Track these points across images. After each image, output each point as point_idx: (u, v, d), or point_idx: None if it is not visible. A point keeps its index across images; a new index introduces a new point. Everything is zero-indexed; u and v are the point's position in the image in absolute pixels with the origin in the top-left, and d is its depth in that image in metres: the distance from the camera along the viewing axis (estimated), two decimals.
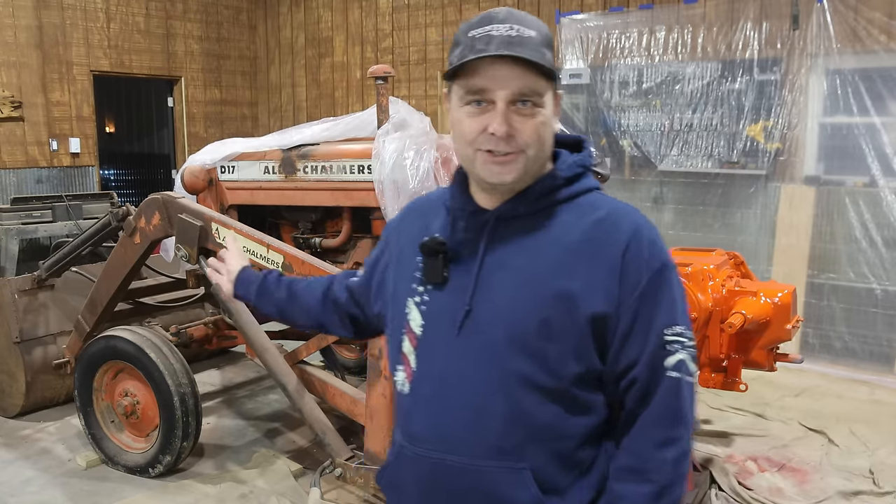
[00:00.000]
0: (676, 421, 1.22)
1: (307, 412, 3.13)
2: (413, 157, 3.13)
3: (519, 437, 1.23)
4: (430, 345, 1.30)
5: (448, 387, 1.27)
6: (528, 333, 1.21)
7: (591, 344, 1.22)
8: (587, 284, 1.21)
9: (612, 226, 1.24)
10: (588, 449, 1.26)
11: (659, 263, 1.23)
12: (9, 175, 7.23)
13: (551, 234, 1.26)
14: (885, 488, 3.40)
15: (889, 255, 4.96)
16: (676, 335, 1.22)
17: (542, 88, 1.22)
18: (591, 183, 1.32)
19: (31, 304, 4.22)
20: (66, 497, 3.38)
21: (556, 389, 1.22)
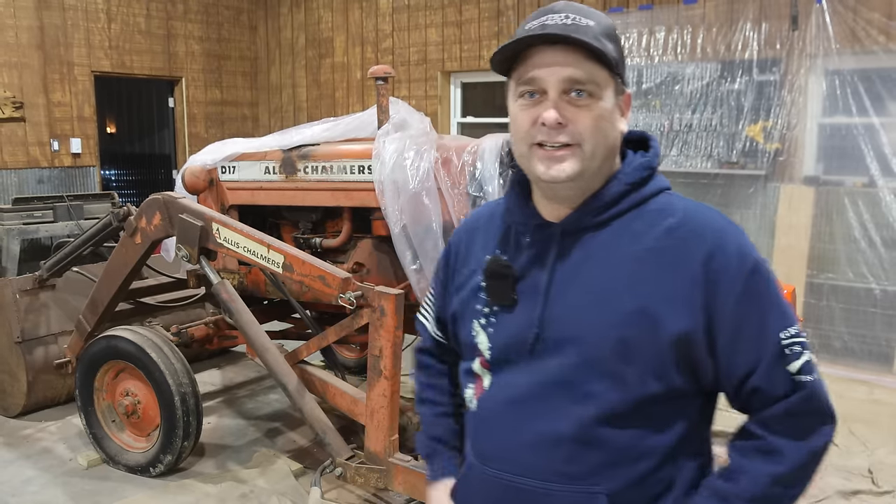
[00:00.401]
0: (818, 416, 1.17)
1: (308, 412, 3.14)
2: (413, 158, 3.14)
3: (592, 462, 1.16)
4: (502, 366, 1.24)
5: (518, 409, 1.21)
6: (604, 354, 1.14)
7: (674, 363, 1.13)
8: (668, 300, 1.12)
9: (690, 232, 1.14)
10: (668, 468, 1.18)
11: (752, 264, 1.13)
12: (10, 175, 7.25)
13: (622, 245, 1.17)
14: (884, 488, 3.41)
15: (888, 255, 4.97)
16: (793, 337, 1.13)
17: (600, 79, 1.13)
18: (660, 184, 1.22)
19: (33, 304, 4.23)
20: (68, 496, 3.39)
21: (633, 412, 1.14)
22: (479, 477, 1.27)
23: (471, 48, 7.30)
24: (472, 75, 7.53)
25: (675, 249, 1.14)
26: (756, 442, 1.15)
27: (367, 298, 2.90)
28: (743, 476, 1.14)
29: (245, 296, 3.55)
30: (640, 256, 1.15)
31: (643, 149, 1.25)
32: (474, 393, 1.30)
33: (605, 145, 1.16)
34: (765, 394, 1.14)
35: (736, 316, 1.12)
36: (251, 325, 3.30)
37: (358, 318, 2.99)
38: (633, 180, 1.19)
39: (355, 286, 2.92)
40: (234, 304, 3.31)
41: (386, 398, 2.90)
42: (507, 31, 6.99)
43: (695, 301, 1.11)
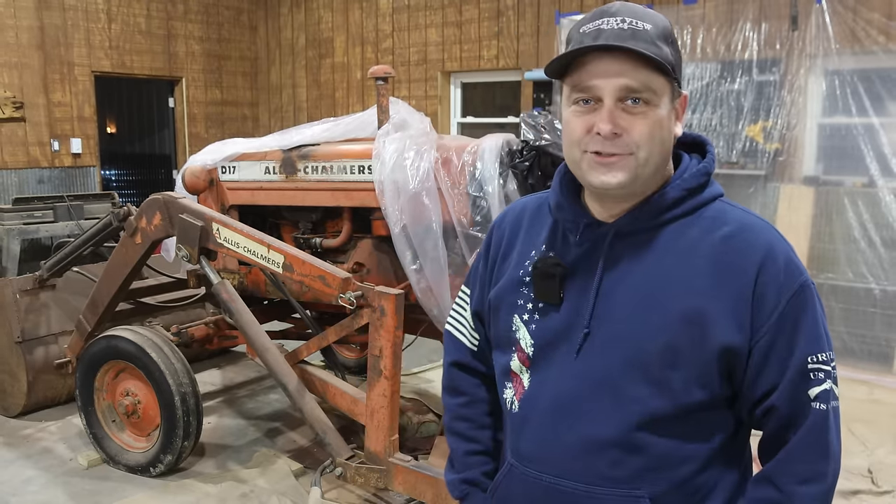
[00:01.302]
0: (823, 455, 1.13)
1: (308, 412, 3.14)
2: (413, 158, 3.14)
3: (635, 466, 1.16)
4: (544, 366, 1.22)
5: (561, 410, 1.20)
6: (650, 359, 1.13)
7: (718, 373, 1.13)
8: (718, 310, 1.11)
9: (744, 244, 1.14)
10: (710, 472, 1.18)
11: (798, 285, 1.12)
12: (10, 175, 7.25)
13: (676, 250, 1.16)
14: (884, 487, 3.41)
15: (888, 255, 4.97)
16: (821, 364, 1.12)
17: (656, 85, 1.11)
18: (715, 191, 1.21)
19: (33, 304, 4.24)
20: (68, 496, 3.39)
21: (674, 416, 1.13)
22: (519, 478, 1.26)
23: (471, 48, 7.30)
24: (472, 75, 7.53)
25: (728, 260, 1.13)
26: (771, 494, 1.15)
27: (367, 298, 2.91)
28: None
29: (245, 296, 3.55)
30: (694, 263, 1.14)
31: (699, 152, 1.24)
32: (515, 394, 1.27)
33: (660, 152, 1.15)
34: (780, 414, 1.13)
35: (773, 333, 1.11)
36: (251, 325, 3.30)
37: (358, 318, 2.99)
38: (691, 186, 1.18)
39: (355, 286, 2.92)
40: (234, 304, 3.31)
41: (386, 398, 2.90)
42: (507, 31, 7.00)
43: (744, 315, 1.11)
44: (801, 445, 1.13)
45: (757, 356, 1.12)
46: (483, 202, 3.03)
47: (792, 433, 1.13)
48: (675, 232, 1.17)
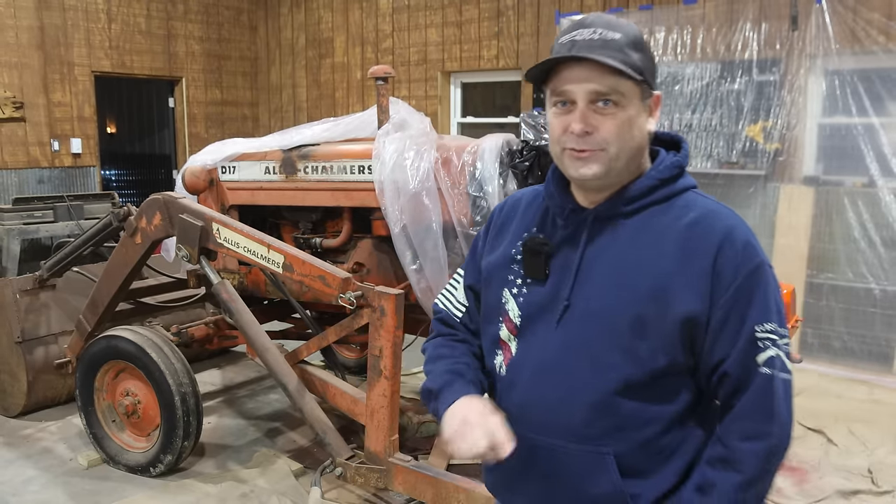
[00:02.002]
0: (767, 416, 1.24)
1: (308, 412, 3.14)
2: (413, 158, 3.14)
3: (604, 425, 1.28)
4: (530, 334, 1.36)
5: (543, 374, 1.33)
6: (621, 329, 1.26)
7: (679, 340, 1.25)
8: (681, 286, 1.24)
9: (706, 228, 1.27)
10: (672, 434, 1.30)
11: (753, 264, 1.25)
12: (10, 175, 7.25)
13: (647, 234, 1.30)
14: (884, 487, 3.41)
15: (888, 255, 4.97)
16: (768, 332, 1.25)
17: (624, 88, 1.25)
18: (687, 183, 1.35)
19: (33, 304, 4.24)
20: (68, 496, 3.39)
21: (643, 382, 1.27)
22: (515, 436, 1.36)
23: (471, 48, 7.30)
24: (472, 75, 7.53)
25: (692, 242, 1.26)
26: (720, 451, 1.26)
27: (367, 298, 2.91)
28: (713, 490, 1.26)
29: (245, 296, 3.56)
30: (662, 245, 1.27)
31: (675, 149, 1.38)
32: (503, 360, 1.41)
33: (629, 147, 1.28)
34: (732, 380, 1.25)
35: (728, 305, 1.24)
36: (251, 325, 3.30)
37: (358, 318, 2.99)
38: (664, 177, 1.32)
39: (355, 286, 2.92)
40: (234, 304, 3.31)
41: (386, 398, 2.90)
42: (507, 31, 7.00)
43: (703, 289, 1.24)
44: (748, 406, 1.24)
45: (714, 326, 1.24)
46: (483, 202, 3.03)
47: (740, 395, 1.25)
48: (648, 218, 1.31)
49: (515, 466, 1.36)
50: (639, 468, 1.30)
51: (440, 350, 1.53)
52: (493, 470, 1.45)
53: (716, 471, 1.26)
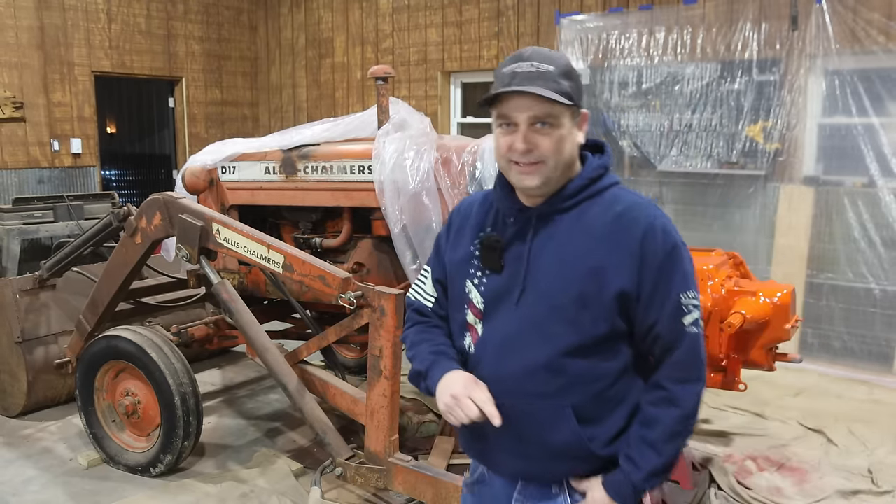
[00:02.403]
0: (696, 365, 1.56)
1: (308, 412, 3.14)
2: (413, 158, 3.14)
3: (559, 383, 1.55)
4: (493, 317, 1.61)
5: (506, 347, 1.59)
6: (567, 304, 1.53)
7: (616, 310, 1.52)
8: (613, 266, 1.51)
9: (632, 220, 1.53)
10: (618, 386, 1.57)
11: (671, 246, 1.52)
12: (10, 175, 7.25)
13: (582, 225, 1.56)
14: (884, 487, 3.41)
15: (887, 255, 4.97)
16: (690, 299, 1.54)
17: (557, 112, 1.50)
18: (611, 180, 1.61)
19: (33, 304, 4.24)
20: (68, 496, 3.39)
21: (588, 346, 1.53)
22: None
23: (471, 48, 7.30)
24: (472, 75, 7.53)
25: (620, 231, 1.53)
26: (661, 393, 1.56)
27: (367, 298, 2.91)
28: (657, 423, 1.55)
29: (245, 296, 3.55)
30: (595, 233, 1.54)
31: (600, 152, 1.64)
32: (472, 340, 1.66)
33: (564, 160, 1.55)
34: (663, 340, 1.54)
35: (654, 280, 1.52)
36: (251, 325, 3.30)
37: (358, 318, 2.99)
38: (592, 176, 1.59)
39: (355, 286, 2.92)
40: (234, 304, 3.31)
41: (386, 398, 2.90)
42: (507, 32, 7.00)
43: (631, 267, 1.51)
44: (681, 358, 1.54)
45: (644, 297, 1.52)
46: None
47: (673, 352, 1.54)
48: (582, 211, 1.57)
49: (490, 428, 1.54)
50: (593, 416, 1.56)
51: (420, 336, 1.76)
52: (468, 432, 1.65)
53: (659, 409, 1.55)
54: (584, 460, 1.58)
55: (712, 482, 3.46)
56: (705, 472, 3.48)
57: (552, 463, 1.59)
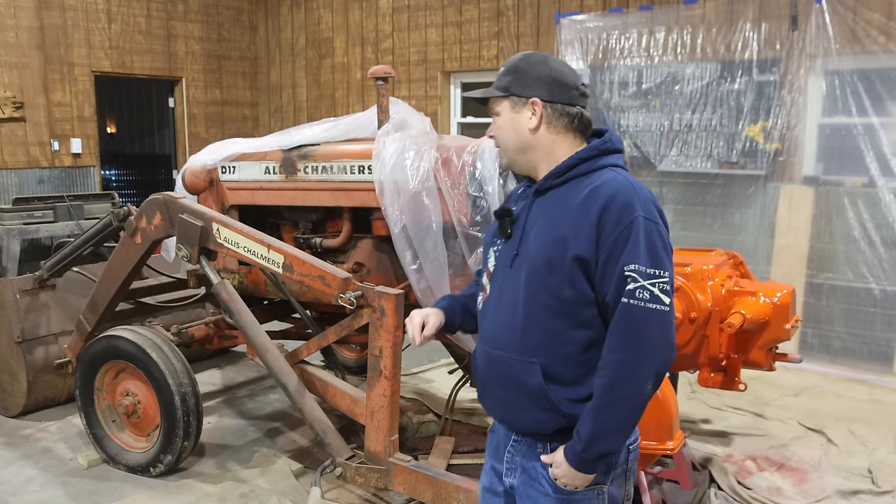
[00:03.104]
0: (630, 335, 1.63)
1: (308, 412, 3.14)
2: (413, 158, 3.14)
3: (532, 340, 1.74)
4: (495, 277, 1.86)
5: (499, 305, 1.83)
6: (539, 268, 1.72)
7: (580, 276, 1.69)
8: (575, 235, 1.68)
9: (599, 193, 1.68)
10: (587, 354, 1.71)
11: (629, 219, 1.64)
12: (10, 175, 7.25)
13: (563, 199, 1.75)
14: (884, 487, 3.41)
15: (888, 255, 4.97)
16: (632, 271, 1.62)
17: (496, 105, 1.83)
18: (606, 161, 1.77)
19: (33, 304, 4.23)
20: (68, 496, 3.39)
21: (557, 308, 1.71)
22: (479, 351, 1.90)
23: (471, 48, 7.30)
24: (472, 75, 7.53)
25: (587, 204, 1.69)
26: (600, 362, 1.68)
27: (367, 298, 2.90)
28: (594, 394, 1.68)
29: (245, 296, 3.55)
30: (569, 207, 1.72)
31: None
32: (482, 299, 1.92)
33: (512, 140, 1.83)
34: (610, 308, 1.66)
35: (609, 251, 1.65)
36: (251, 325, 3.30)
37: (358, 318, 2.99)
38: (582, 156, 1.77)
39: (355, 286, 2.92)
40: (234, 304, 3.31)
41: (386, 398, 2.90)
42: (507, 31, 7.00)
43: (591, 237, 1.66)
44: (615, 326, 1.65)
45: (600, 266, 1.66)
46: (483, 202, 3.03)
47: (612, 321, 1.66)
48: (569, 188, 1.76)
49: (483, 374, 1.87)
50: (560, 376, 1.73)
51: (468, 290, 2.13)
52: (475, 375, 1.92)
53: (595, 378, 1.68)
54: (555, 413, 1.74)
55: (712, 482, 3.46)
56: (705, 472, 3.48)
57: (526, 412, 1.78)
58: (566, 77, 1.79)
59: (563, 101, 1.78)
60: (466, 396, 4.35)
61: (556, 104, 1.78)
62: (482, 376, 1.87)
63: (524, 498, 1.82)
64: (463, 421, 4.07)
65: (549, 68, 1.79)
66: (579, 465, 1.69)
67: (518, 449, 1.84)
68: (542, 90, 1.77)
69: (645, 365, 1.63)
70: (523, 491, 1.82)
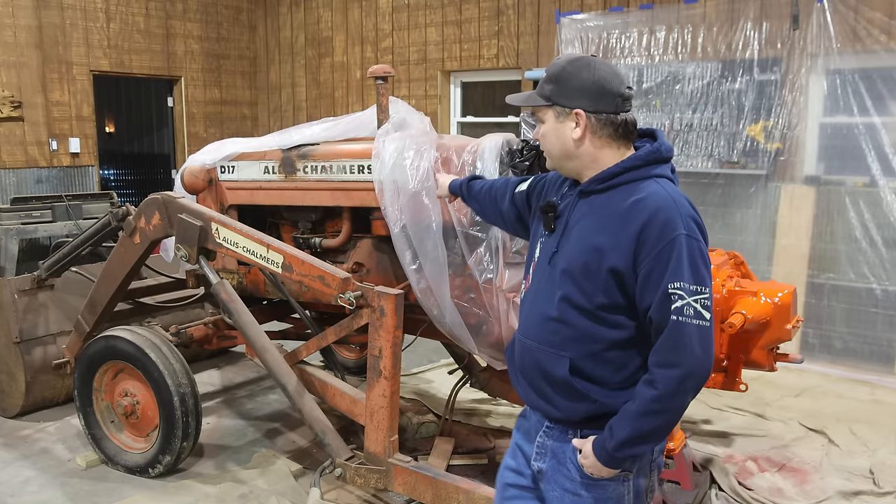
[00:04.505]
0: (676, 350, 1.67)
1: (307, 412, 3.13)
2: (413, 157, 3.12)
3: (562, 335, 1.82)
4: (537, 270, 1.94)
5: (536, 297, 1.91)
6: (575, 270, 1.78)
7: (614, 285, 1.74)
8: (612, 245, 1.73)
9: (642, 207, 1.71)
10: (616, 353, 1.78)
11: (670, 238, 1.67)
12: (8, 175, 7.23)
13: (606, 206, 1.78)
14: (886, 488, 3.40)
15: (889, 254, 4.96)
16: (677, 288, 1.66)
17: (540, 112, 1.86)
18: (651, 172, 1.79)
19: (31, 304, 4.22)
20: (66, 497, 3.38)
21: (587, 309, 1.78)
22: (516, 339, 1.98)
23: (471, 47, 7.29)
24: (472, 75, 7.52)
25: (629, 216, 1.72)
26: (647, 374, 1.72)
27: (367, 298, 2.89)
28: (637, 399, 1.72)
29: (244, 296, 3.54)
30: (612, 215, 1.76)
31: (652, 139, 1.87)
32: (524, 288, 2.00)
33: (556, 148, 1.85)
34: (654, 323, 1.70)
35: (649, 267, 1.69)
36: (250, 326, 3.28)
37: (358, 318, 2.98)
38: (627, 165, 1.79)
39: (355, 286, 2.91)
40: (233, 304, 3.30)
41: (385, 398, 2.89)
42: (507, 31, 6.99)
43: (629, 250, 1.71)
44: (664, 342, 1.69)
45: (641, 280, 1.70)
46: None
47: (659, 335, 1.69)
48: (612, 195, 1.79)
49: (518, 362, 1.94)
50: (587, 371, 1.80)
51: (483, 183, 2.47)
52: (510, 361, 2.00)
53: (642, 386, 1.72)
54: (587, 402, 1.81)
55: (713, 483, 3.45)
56: (706, 472, 3.47)
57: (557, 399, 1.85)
58: (610, 84, 1.78)
59: (607, 111, 1.78)
60: (466, 397, 4.34)
61: (600, 114, 1.78)
62: (517, 364, 1.96)
63: (551, 481, 1.90)
64: (463, 421, 4.06)
65: (593, 75, 1.77)
66: (608, 461, 1.76)
67: (550, 434, 1.90)
68: (586, 100, 1.78)
69: (691, 379, 1.68)
70: (551, 475, 1.90)
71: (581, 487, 1.84)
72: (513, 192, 2.27)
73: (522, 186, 2.24)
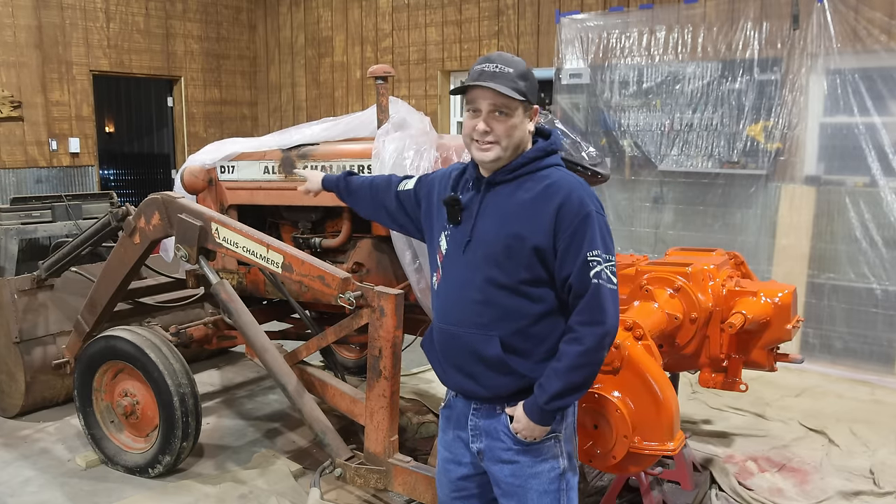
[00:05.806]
0: (599, 311, 1.88)
1: (307, 412, 3.13)
2: (413, 157, 3.12)
3: (489, 316, 1.96)
4: (449, 260, 2.06)
5: (454, 285, 2.04)
6: (497, 252, 1.95)
7: (536, 261, 1.92)
8: (532, 227, 1.91)
9: (556, 190, 1.92)
10: (541, 325, 1.96)
11: (584, 214, 1.89)
12: (8, 175, 7.23)
13: (517, 194, 1.97)
14: (886, 488, 3.40)
15: (889, 254, 4.95)
16: (594, 255, 1.88)
17: (511, 105, 1.94)
18: (551, 161, 2.01)
19: (31, 304, 4.22)
20: (66, 497, 3.38)
21: (512, 287, 1.94)
22: (436, 329, 2.10)
23: (471, 47, 7.29)
24: None
25: (544, 198, 1.93)
26: (570, 334, 1.91)
27: (367, 298, 2.89)
28: (563, 356, 1.91)
29: (244, 296, 3.54)
30: (525, 200, 1.95)
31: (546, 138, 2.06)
32: (437, 279, 2.11)
33: (514, 142, 1.97)
34: (574, 289, 1.90)
35: (567, 241, 1.89)
36: (250, 326, 3.28)
37: (357, 318, 2.97)
38: (531, 156, 2.00)
39: (355, 286, 2.91)
40: (233, 304, 3.29)
41: (385, 398, 2.89)
42: (506, 30, 6.99)
43: (548, 229, 1.90)
44: (586, 304, 1.89)
45: (560, 253, 1.90)
46: None
47: (580, 298, 1.89)
48: (521, 182, 1.98)
49: (442, 348, 2.07)
50: (516, 347, 1.96)
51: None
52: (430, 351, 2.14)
53: (566, 345, 1.91)
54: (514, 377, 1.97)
55: (713, 483, 3.45)
56: (706, 472, 3.47)
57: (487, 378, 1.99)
58: None
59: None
60: None
61: None
62: (442, 351, 2.07)
63: (491, 458, 2.04)
64: None
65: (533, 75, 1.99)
66: (540, 417, 1.93)
67: (479, 414, 2.05)
68: (535, 98, 2.01)
69: (609, 336, 1.91)
70: (488, 452, 2.05)
71: (518, 454, 2.00)
72: (397, 190, 2.40)
73: (408, 185, 2.38)
